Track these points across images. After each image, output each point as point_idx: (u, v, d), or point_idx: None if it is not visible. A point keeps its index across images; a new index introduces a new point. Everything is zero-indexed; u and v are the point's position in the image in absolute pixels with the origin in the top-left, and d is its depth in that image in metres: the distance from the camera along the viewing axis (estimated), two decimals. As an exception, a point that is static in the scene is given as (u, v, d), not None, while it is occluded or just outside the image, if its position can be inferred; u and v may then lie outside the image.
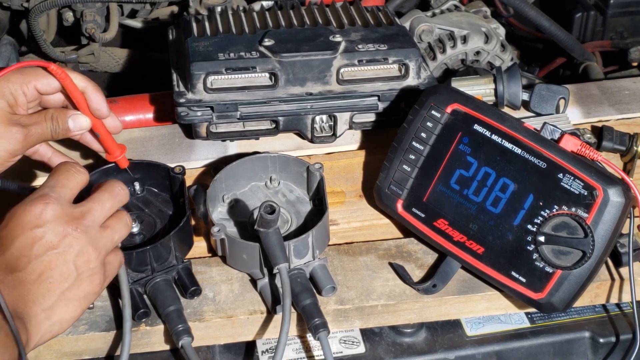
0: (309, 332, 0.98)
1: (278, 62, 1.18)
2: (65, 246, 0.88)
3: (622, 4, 1.68)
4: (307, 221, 1.11)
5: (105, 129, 1.08)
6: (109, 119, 1.08)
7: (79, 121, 1.05)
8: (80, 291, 0.89)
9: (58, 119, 1.04)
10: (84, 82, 1.04)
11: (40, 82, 1.01)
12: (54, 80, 1.02)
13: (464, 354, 1.03)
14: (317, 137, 1.25)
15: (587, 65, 1.61)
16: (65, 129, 1.04)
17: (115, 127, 1.10)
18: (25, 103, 1.02)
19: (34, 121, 1.02)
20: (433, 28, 1.49)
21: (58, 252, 0.88)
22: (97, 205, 0.93)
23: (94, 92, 1.05)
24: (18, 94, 1.00)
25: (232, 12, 1.33)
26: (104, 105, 1.06)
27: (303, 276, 1.03)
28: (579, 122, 1.32)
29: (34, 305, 0.86)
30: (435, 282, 1.04)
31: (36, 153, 1.09)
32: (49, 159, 1.10)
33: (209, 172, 1.20)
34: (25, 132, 1.01)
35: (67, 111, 1.05)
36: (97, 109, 1.05)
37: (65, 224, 0.89)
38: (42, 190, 0.91)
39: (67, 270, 0.88)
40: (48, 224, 0.88)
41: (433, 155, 1.07)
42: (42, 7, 1.48)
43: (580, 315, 1.08)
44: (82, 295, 0.90)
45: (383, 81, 1.22)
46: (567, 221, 0.97)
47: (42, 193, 0.90)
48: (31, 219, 0.88)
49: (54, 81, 1.02)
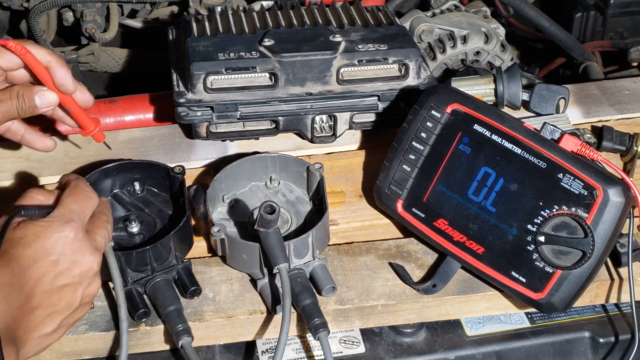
0: (309, 332, 0.98)
1: (278, 62, 1.18)
2: (82, 279, 0.87)
3: (622, 4, 1.68)
4: (307, 221, 1.11)
5: (75, 104, 1.04)
6: (79, 93, 1.04)
7: (46, 97, 1.01)
8: (76, 317, 0.89)
9: (24, 95, 1.00)
10: (47, 57, 1.00)
11: (2, 59, 0.98)
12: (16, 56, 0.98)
13: (464, 354, 1.03)
14: (317, 137, 1.25)
15: (587, 65, 1.61)
16: (31, 107, 1.01)
17: (86, 101, 1.06)
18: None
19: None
20: (433, 28, 1.49)
21: (74, 284, 0.86)
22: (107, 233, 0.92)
23: (58, 67, 1.00)
24: None
25: (232, 12, 1.33)
26: (69, 80, 1.02)
27: (303, 276, 1.03)
28: (579, 122, 1.32)
29: (33, 332, 0.84)
30: (435, 282, 1.04)
31: (8, 131, 1.06)
32: (21, 136, 1.07)
33: (209, 172, 1.20)
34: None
35: (33, 87, 1.01)
36: (62, 84, 1.01)
37: (90, 255, 0.87)
38: (67, 215, 0.88)
39: (73, 300, 0.87)
40: (74, 254, 0.86)
41: (433, 155, 1.07)
42: (42, 7, 1.48)
43: (580, 315, 1.08)
44: (75, 320, 0.89)
45: (383, 81, 1.22)
46: (567, 221, 0.97)
47: (69, 218, 0.87)
48: (57, 246, 0.85)
49: (16, 57, 0.98)
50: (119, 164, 1.11)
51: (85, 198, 0.91)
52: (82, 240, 0.87)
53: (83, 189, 0.92)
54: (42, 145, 1.09)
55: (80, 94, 1.05)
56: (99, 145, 1.16)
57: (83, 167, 1.21)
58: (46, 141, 1.09)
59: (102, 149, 1.22)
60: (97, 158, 1.22)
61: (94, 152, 1.23)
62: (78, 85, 1.05)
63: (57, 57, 1.01)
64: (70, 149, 1.24)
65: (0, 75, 1.00)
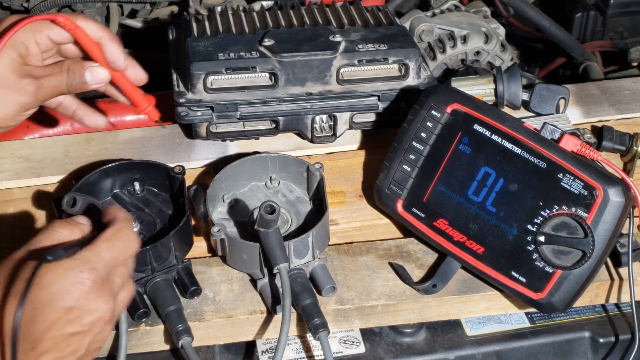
0: (309, 332, 0.98)
1: (278, 62, 1.18)
2: (92, 327, 0.81)
3: (622, 4, 1.68)
4: (307, 221, 1.11)
5: (127, 81, 1.02)
6: (130, 70, 1.02)
7: (97, 74, 0.99)
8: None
9: (74, 70, 0.98)
10: (98, 32, 0.97)
11: (53, 32, 0.96)
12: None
13: (464, 354, 1.03)
14: (317, 137, 1.25)
15: (587, 65, 1.61)
16: (81, 82, 0.98)
17: (138, 78, 1.03)
18: (38, 53, 0.96)
19: (48, 73, 0.97)
20: (433, 28, 1.49)
21: (83, 332, 0.80)
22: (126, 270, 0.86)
23: (110, 43, 0.98)
24: (30, 43, 0.95)
25: (232, 12, 1.33)
26: (120, 56, 0.99)
27: (303, 276, 1.03)
28: (579, 122, 1.32)
29: None
30: (435, 282, 1.04)
31: (60, 106, 1.04)
32: (73, 111, 1.05)
33: (209, 172, 1.20)
34: (38, 85, 0.96)
35: (84, 63, 0.99)
36: (113, 60, 0.99)
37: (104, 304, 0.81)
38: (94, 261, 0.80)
39: (80, 347, 0.81)
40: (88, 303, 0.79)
41: (433, 155, 1.07)
42: (42, 7, 1.48)
43: (580, 315, 1.08)
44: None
45: (383, 81, 1.22)
46: (567, 221, 0.97)
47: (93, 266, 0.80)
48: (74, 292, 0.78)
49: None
50: (119, 164, 1.11)
51: (123, 249, 0.84)
52: (99, 289, 0.80)
53: (124, 238, 0.84)
54: (94, 122, 1.06)
55: (133, 71, 1.03)
56: (99, 145, 1.16)
57: (83, 167, 1.21)
58: (98, 118, 1.06)
59: (103, 149, 1.22)
60: (97, 158, 1.22)
61: (94, 152, 1.23)
62: (130, 62, 1.02)
63: (109, 32, 0.99)
64: (70, 148, 1.24)
65: (52, 48, 0.98)
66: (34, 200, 1.17)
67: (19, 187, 1.19)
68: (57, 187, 1.19)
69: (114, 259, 0.83)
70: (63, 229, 0.85)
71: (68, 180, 1.18)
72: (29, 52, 0.96)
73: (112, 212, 0.88)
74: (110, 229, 0.85)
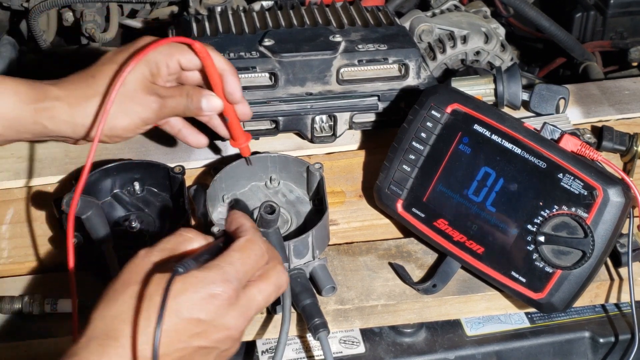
0: (309, 332, 0.98)
1: (278, 62, 1.18)
2: (219, 343, 0.78)
3: (622, 4, 1.68)
4: (307, 221, 1.11)
5: (235, 114, 1.08)
6: (240, 105, 1.08)
7: (212, 103, 1.04)
8: None
9: (193, 96, 1.04)
10: (224, 65, 1.04)
11: (184, 58, 1.02)
12: (197, 58, 1.02)
13: (464, 354, 1.03)
14: (317, 137, 1.25)
15: (587, 65, 1.61)
16: (197, 108, 1.04)
17: (245, 114, 1.09)
18: (166, 75, 1.02)
19: (171, 94, 1.03)
20: (433, 28, 1.49)
21: (209, 348, 0.77)
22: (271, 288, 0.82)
23: (232, 76, 1.04)
24: (161, 64, 1.01)
25: (232, 12, 1.33)
26: (238, 91, 1.05)
27: (303, 276, 1.03)
28: (579, 122, 1.32)
29: None
30: (435, 282, 1.04)
31: (167, 124, 1.09)
32: (179, 130, 1.10)
33: (209, 172, 1.20)
34: (161, 103, 1.01)
35: (202, 90, 1.05)
36: (232, 93, 1.05)
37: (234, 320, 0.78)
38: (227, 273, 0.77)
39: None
40: (218, 318, 0.76)
41: (433, 155, 1.07)
42: (42, 7, 1.48)
43: (580, 315, 1.08)
44: None
45: (383, 81, 1.22)
46: (567, 221, 0.97)
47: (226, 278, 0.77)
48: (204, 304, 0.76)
49: (197, 59, 1.02)
50: (119, 164, 1.11)
51: (255, 261, 0.81)
52: (231, 306, 0.77)
53: (256, 249, 0.82)
54: (196, 142, 1.11)
55: (242, 106, 1.09)
56: (99, 145, 1.16)
57: (83, 167, 1.21)
58: (200, 138, 1.11)
59: (103, 149, 1.22)
60: (97, 158, 1.22)
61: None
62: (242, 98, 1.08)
63: (231, 66, 1.05)
64: (71, 148, 1.24)
65: (177, 73, 1.04)
66: (33, 200, 1.17)
67: (19, 187, 1.19)
68: (57, 187, 1.19)
69: (247, 271, 0.80)
70: (193, 242, 0.83)
71: (68, 180, 1.19)
72: (159, 72, 1.02)
73: (237, 219, 0.86)
74: (242, 238, 0.82)
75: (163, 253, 0.81)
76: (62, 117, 1.00)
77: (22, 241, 1.11)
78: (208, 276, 0.76)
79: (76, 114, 1.00)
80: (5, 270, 1.07)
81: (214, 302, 0.76)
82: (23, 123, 1.00)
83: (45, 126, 1.01)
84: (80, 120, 1.00)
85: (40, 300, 0.99)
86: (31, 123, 1.00)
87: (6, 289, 1.03)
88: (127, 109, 1.00)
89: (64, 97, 1.00)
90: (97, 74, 1.01)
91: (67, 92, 1.00)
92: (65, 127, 1.01)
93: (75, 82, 1.02)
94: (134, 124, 1.02)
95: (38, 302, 0.99)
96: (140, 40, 1.04)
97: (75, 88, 1.01)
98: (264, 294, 0.81)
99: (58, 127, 1.01)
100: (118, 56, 1.02)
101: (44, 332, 0.99)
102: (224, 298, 0.76)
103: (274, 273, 0.82)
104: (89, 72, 1.02)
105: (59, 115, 1.00)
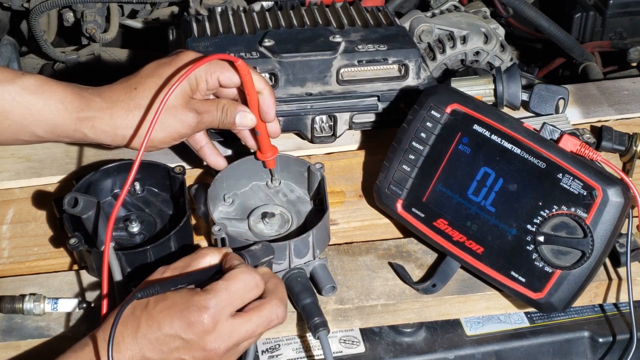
0: (309, 331, 0.98)
1: (278, 63, 1.18)
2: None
3: (621, 4, 1.68)
4: (307, 221, 1.11)
5: (265, 130, 1.10)
6: (272, 123, 1.10)
7: (246, 118, 1.07)
8: None
9: (228, 111, 1.06)
10: (262, 85, 1.06)
11: (223, 75, 1.04)
12: (236, 75, 1.03)
13: (463, 354, 1.03)
14: (317, 137, 1.25)
15: (586, 66, 1.61)
16: (231, 122, 1.06)
17: (275, 132, 1.12)
18: (204, 90, 1.04)
19: (208, 109, 1.05)
20: (433, 28, 1.49)
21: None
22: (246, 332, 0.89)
23: (269, 97, 1.07)
24: (201, 80, 1.03)
25: (232, 12, 1.33)
26: (273, 111, 1.08)
27: (303, 276, 1.03)
28: (578, 122, 1.32)
29: None
30: (435, 282, 1.04)
31: (192, 138, 1.11)
32: (201, 147, 1.12)
33: (209, 173, 1.20)
34: (199, 119, 1.04)
35: (237, 105, 1.07)
36: (267, 112, 1.07)
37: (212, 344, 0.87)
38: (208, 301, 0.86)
39: None
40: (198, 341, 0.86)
41: (433, 155, 1.07)
42: (42, 7, 1.48)
43: (579, 315, 1.08)
44: None
45: (383, 81, 1.23)
46: (566, 221, 0.97)
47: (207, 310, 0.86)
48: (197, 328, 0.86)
49: (236, 76, 1.04)
50: (119, 164, 1.11)
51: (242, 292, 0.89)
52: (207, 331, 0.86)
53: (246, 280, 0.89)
54: (214, 162, 1.13)
55: (274, 125, 1.11)
56: (99, 145, 1.16)
57: (83, 167, 1.21)
58: (219, 159, 1.13)
59: (103, 149, 1.22)
60: (97, 158, 1.22)
61: (94, 152, 1.23)
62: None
63: (270, 87, 1.07)
64: (71, 148, 1.24)
65: (214, 88, 1.06)
66: (34, 200, 1.17)
67: (19, 187, 1.19)
68: (58, 187, 1.19)
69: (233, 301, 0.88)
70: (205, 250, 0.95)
71: (68, 180, 1.19)
72: (198, 87, 1.04)
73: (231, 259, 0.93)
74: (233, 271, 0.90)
75: (175, 271, 0.91)
76: (103, 128, 1.02)
77: (22, 241, 1.11)
78: (192, 299, 0.86)
79: (117, 125, 1.02)
80: (5, 270, 1.07)
81: (191, 324, 0.85)
82: (64, 129, 1.02)
83: (85, 134, 1.03)
84: (121, 132, 1.02)
85: (41, 300, 0.99)
86: (72, 130, 1.02)
87: (6, 289, 1.04)
88: (166, 124, 1.02)
89: (106, 109, 1.02)
90: (139, 87, 1.03)
91: (110, 104, 1.02)
92: (104, 136, 1.03)
93: (117, 92, 1.03)
94: (171, 137, 1.04)
95: (38, 302, 0.99)
96: (182, 55, 1.05)
97: (117, 100, 1.02)
98: (249, 325, 0.88)
99: (98, 136, 1.03)
100: (161, 70, 1.03)
101: (44, 332, 0.99)
102: (200, 322, 0.85)
103: (267, 307, 0.89)
104: (131, 84, 1.03)
105: (100, 126, 1.02)
